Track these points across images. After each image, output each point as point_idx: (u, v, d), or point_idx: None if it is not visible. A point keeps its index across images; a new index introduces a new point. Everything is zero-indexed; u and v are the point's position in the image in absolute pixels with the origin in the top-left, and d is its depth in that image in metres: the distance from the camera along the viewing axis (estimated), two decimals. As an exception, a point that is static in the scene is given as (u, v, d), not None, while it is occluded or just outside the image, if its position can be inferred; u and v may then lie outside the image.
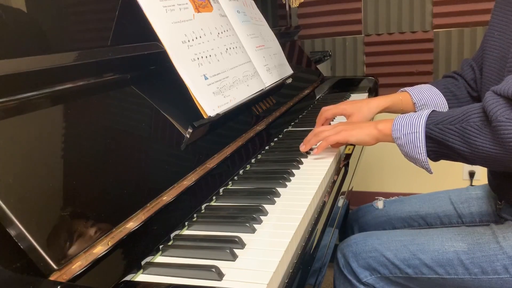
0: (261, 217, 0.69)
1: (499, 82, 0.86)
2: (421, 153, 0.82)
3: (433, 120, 0.81)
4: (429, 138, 0.81)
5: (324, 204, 0.78)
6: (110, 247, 0.56)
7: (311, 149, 1.02)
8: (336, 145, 0.99)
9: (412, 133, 0.82)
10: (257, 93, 1.04)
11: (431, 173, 0.86)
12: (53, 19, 0.68)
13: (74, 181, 0.57)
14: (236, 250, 0.60)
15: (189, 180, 0.75)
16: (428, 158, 0.83)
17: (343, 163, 0.97)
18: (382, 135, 0.89)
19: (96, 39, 0.77)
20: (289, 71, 1.34)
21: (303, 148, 0.98)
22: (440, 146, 0.81)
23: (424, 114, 0.83)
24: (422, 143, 0.81)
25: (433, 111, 0.84)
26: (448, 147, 0.79)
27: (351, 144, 1.08)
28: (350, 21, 2.15)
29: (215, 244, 0.62)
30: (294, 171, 0.89)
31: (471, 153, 0.77)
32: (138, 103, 0.77)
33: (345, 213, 1.30)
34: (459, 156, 0.80)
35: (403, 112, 1.08)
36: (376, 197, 1.24)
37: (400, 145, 0.85)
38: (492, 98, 0.74)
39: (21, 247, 0.49)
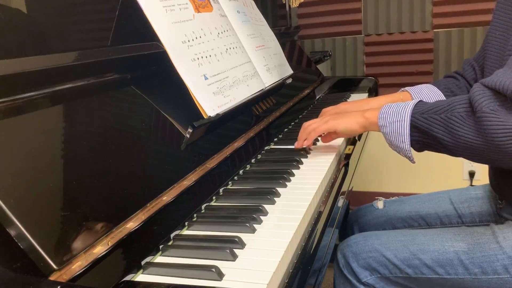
0: (261, 217, 0.69)
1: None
2: (404, 142, 0.82)
3: (419, 109, 0.82)
4: (413, 127, 0.82)
5: (324, 204, 0.78)
6: (110, 247, 0.56)
7: (311, 149, 1.02)
8: (327, 137, 0.99)
9: (397, 121, 0.83)
10: (257, 93, 1.04)
11: (414, 162, 0.87)
12: (53, 19, 0.68)
13: (74, 181, 0.57)
14: (236, 250, 0.60)
15: (189, 180, 0.75)
16: (411, 148, 0.83)
17: (343, 163, 0.97)
18: (369, 123, 0.90)
19: (96, 39, 0.77)
20: (289, 71, 1.34)
21: (296, 144, 0.99)
22: (424, 136, 0.81)
23: (411, 103, 0.84)
24: (406, 131, 0.82)
25: (420, 101, 0.85)
26: (431, 136, 0.80)
27: (351, 144, 1.08)
28: (350, 21, 2.15)
29: (215, 244, 0.62)
30: (294, 171, 0.89)
31: (454, 143, 0.77)
32: (138, 103, 0.77)
33: (345, 213, 1.29)
34: (442, 147, 0.80)
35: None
36: (376, 197, 1.24)
37: (385, 133, 0.86)
38: (479, 89, 0.74)
39: (21, 247, 0.49)
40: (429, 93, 1.07)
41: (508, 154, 0.72)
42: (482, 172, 2.09)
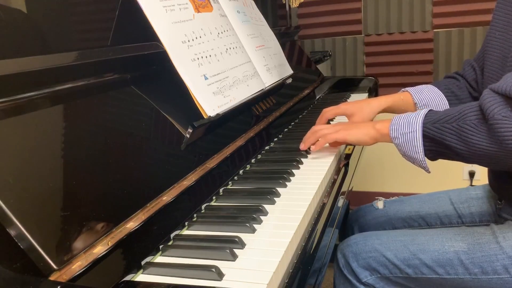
0: (261, 217, 0.69)
1: (500, 82, 0.86)
2: (418, 152, 0.82)
3: (430, 119, 0.81)
4: (426, 137, 0.81)
5: (324, 204, 0.78)
6: (110, 247, 0.56)
7: (311, 149, 1.02)
8: (334, 144, 0.99)
9: (409, 132, 0.83)
10: (257, 93, 1.04)
11: (429, 172, 0.86)
12: (53, 19, 0.68)
13: (74, 181, 0.57)
14: (236, 250, 0.60)
15: (189, 180, 0.75)
16: (426, 158, 0.83)
17: (343, 163, 0.97)
18: (380, 135, 0.90)
19: (96, 39, 0.77)
20: (289, 71, 1.34)
21: (302, 146, 0.99)
22: (437, 145, 0.81)
23: (422, 113, 0.83)
24: (419, 142, 0.81)
25: (430, 110, 0.85)
26: (445, 145, 0.79)
27: (351, 144, 1.08)
28: (350, 21, 2.15)
29: (215, 244, 0.62)
30: (294, 171, 0.89)
31: (468, 151, 0.77)
32: (138, 103, 0.77)
33: (345, 213, 1.29)
34: (456, 155, 0.80)
35: (404, 112, 1.08)
36: (376, 197, 1.24)
37: (397, 145, 0.85)
38: (489, 96, 0.74)
39: (21, 247, 0.49)
40: (430, 93, 1.07)
41: None
42: (482, 172, 2.09)
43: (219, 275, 0.54)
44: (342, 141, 0.96)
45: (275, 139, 1.12)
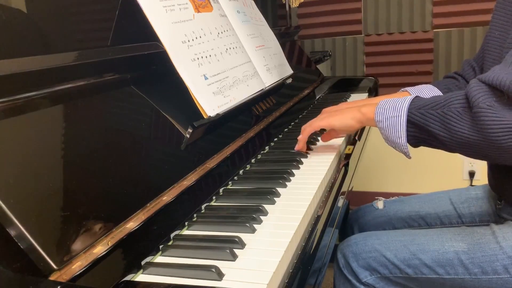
0: (261, 217, 0.69)
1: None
2: (400, 137, 0.82)
3: (416, 105, 0.82)
4: (410, 122, 0.82)
5: (324, 204, 0.78)
6: (110, 247, 0.56)
7: (311, 150, 1.02)
8: (326, 137, 1.00)
9: (394, 116, 0.83)
10: (257, 93, 1.04)
11: (410, 157, 0.86)
12: (53, 19, 0.68)
13: (74, 181, 0.57)
14: (236, 250, 0.60)
15: (189, 180, 0.75)
16: (408, 144, 0.83)
17: (343, 163, 0.97)
18: (365, 118, 0.90)
19: (96, 39, 0.77)
20: (289, 71, 1.34)
21: (296, 147, 0.99)
22: (420, 131, 0.81)
23: (408, 98, 0.84)
24: (403, 127, 0.82)
25: (416, 96, 0.85)
26: (428, 132, 0.79)
27: (351, 144, 1.08)
28: (350, 21, 2.15)
29: (215, 244, 0.62)
30: (294, 171, 0.89)
31: (450, 138, 0.77)
32: (138, 103, 0.77)
33: (345, 213, 1.29)
34: (438, 142, 0.80)
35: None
36: (376, 197, 1.24)
37: (381, 128, 0.86)
38: (476, 85, 0.75)
39: (21, 247, 0.49)
40: (429, 93, 1.07)
41: (504, 149, 0.72)
42: (482, 172, 2.09)
43: (219, 275, 0.54)
44: (328, 127, 0.96)
45: (275, 139, 1.12)
